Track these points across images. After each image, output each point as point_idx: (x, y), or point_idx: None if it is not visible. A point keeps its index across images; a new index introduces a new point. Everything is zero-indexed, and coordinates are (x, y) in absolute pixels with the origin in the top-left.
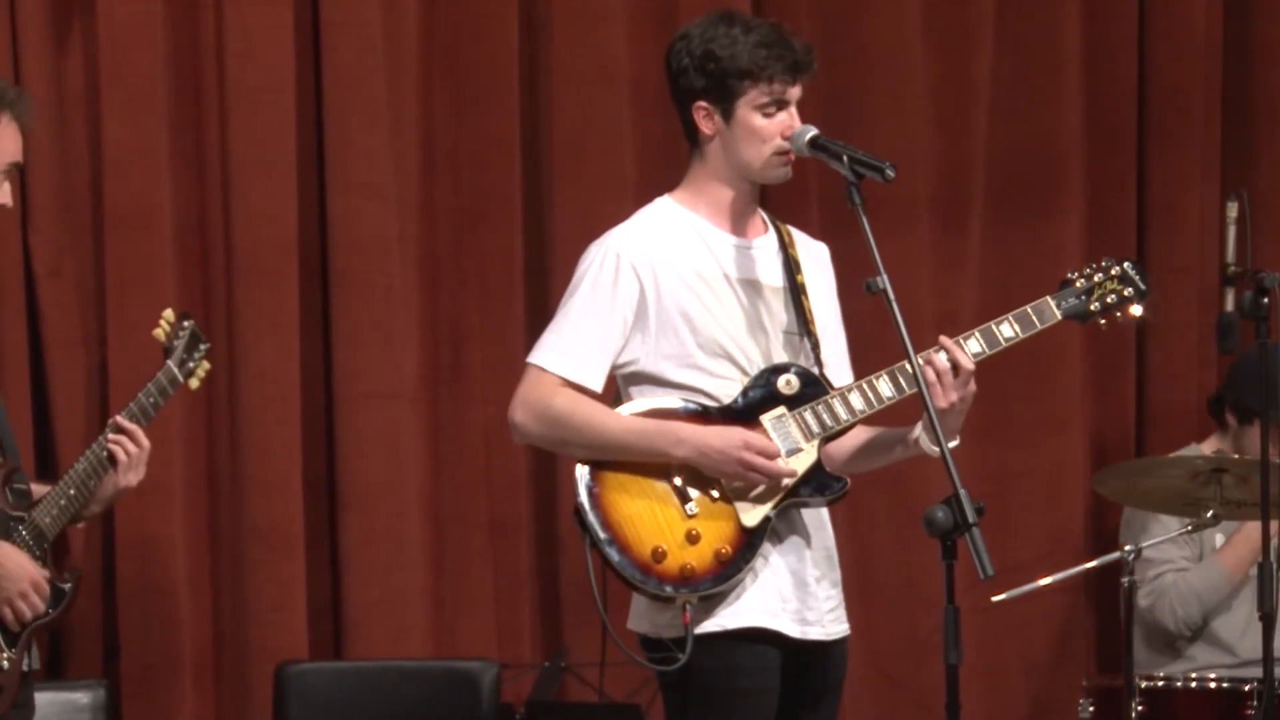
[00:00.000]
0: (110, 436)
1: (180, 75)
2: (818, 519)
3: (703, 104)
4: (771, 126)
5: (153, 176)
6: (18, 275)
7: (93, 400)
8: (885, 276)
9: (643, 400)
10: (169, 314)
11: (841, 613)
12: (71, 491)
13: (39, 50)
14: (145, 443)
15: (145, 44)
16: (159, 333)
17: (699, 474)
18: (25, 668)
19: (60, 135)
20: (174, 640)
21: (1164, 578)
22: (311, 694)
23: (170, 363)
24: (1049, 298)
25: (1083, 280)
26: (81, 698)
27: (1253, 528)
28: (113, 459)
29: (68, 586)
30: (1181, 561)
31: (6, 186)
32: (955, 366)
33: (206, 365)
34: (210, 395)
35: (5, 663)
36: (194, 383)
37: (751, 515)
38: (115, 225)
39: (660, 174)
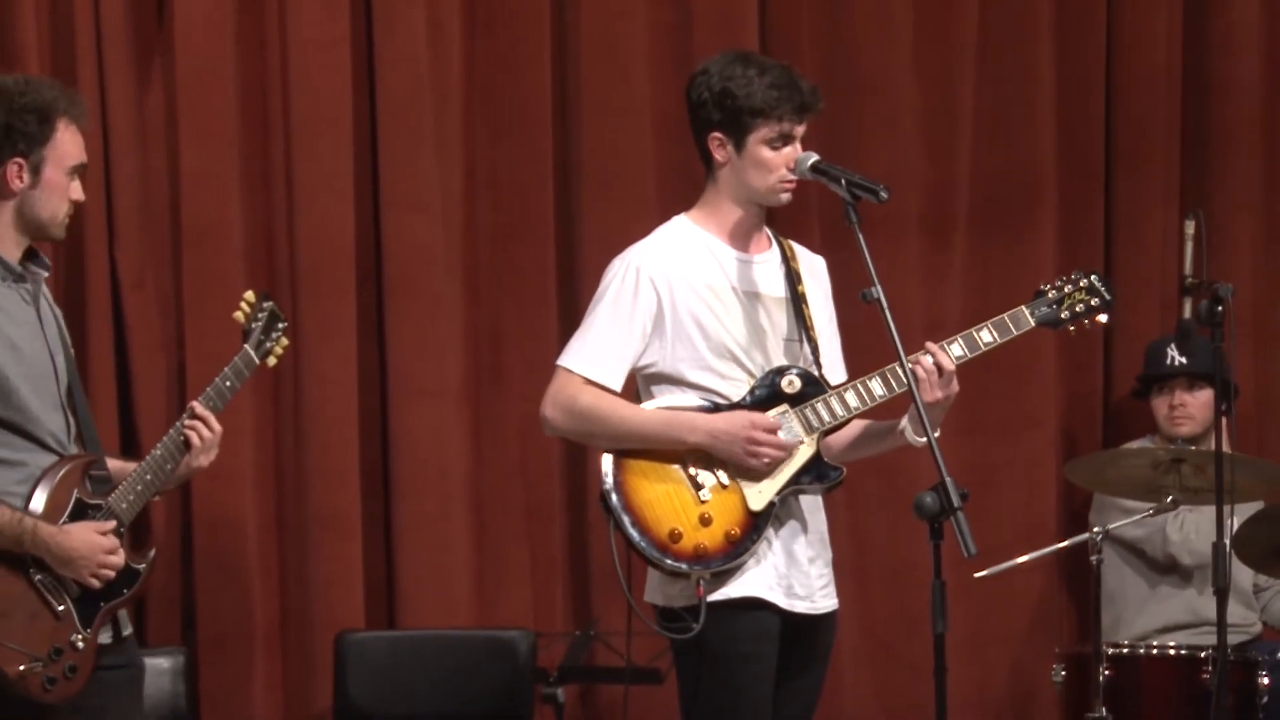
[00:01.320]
0: (186, 422)
1: (249, 107)
2: (813, 505)
3: (717, 135)
4: (777, 159)
5: (224, 197)
6: (105, 287)
7: (172, 399)
8: (879, 287)
9: (663, 398)
10: (250, 295)
11: (831, 589)
12: (148, 477)
13: (123, 85)
14: (217, 428)
15: (218, 79)
16: (239, 315)
17: (711, 463)
18: (108, 640)
19: (142, 161)
20: (245, 611)
21: (1185, 516)
22: (368, 660)
23: (247, 346)
24: (1024, 307)
25: (1054, 291)
26: (163, 663)
27: None
28: (187, 443)
29: (142, 567)
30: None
31: (77, 183)
32: (939, 368)
33: (285, 342)
34: (277, 393)
35: (81, 642)
36: (271, 360)
37: (758, 500)
38: (192, 241)
39: (678, 195)
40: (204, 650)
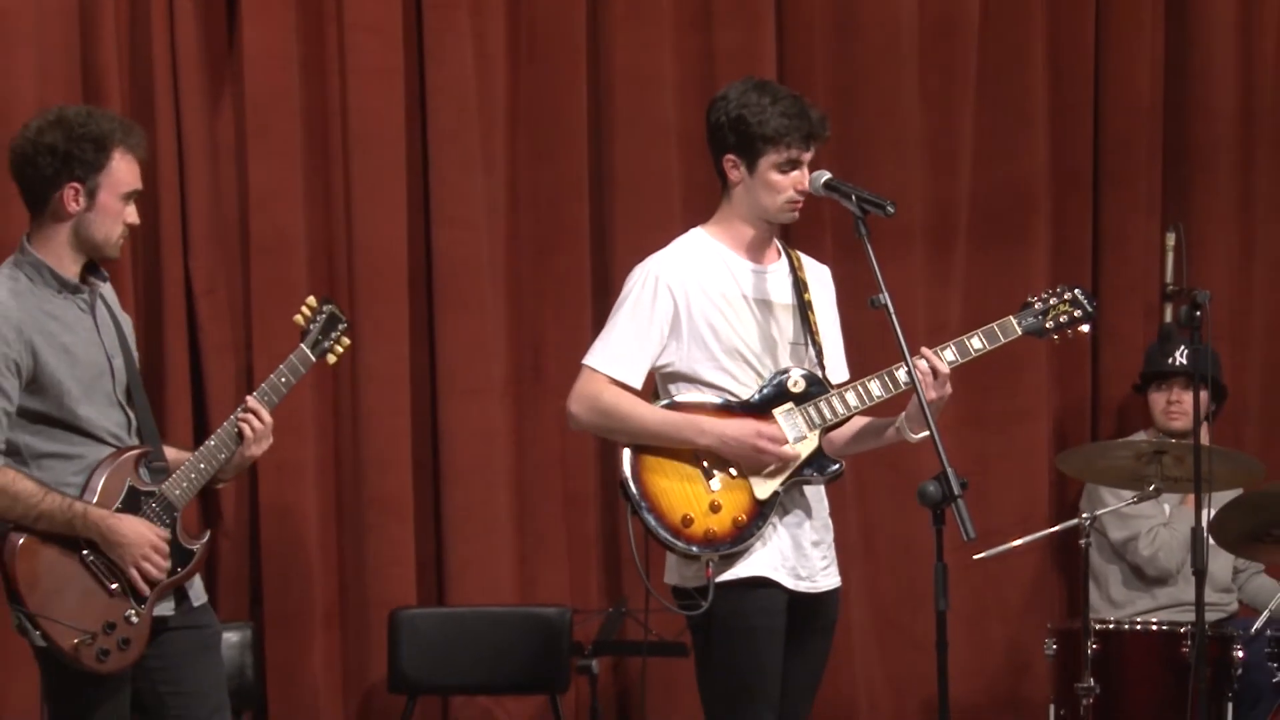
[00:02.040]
0: (240, 415)
1: (311, 130)
2: (817, 495)
3: (731, 156)
4: (785, 181)
5: (289, 213)
6: (180, 294)
7: (241, 396)
8: (886, 293)
9: (681, 396)
10: (311, 300)
11: (833, 569)
12: (202, 465)
13: (197, 111)
14: (269, 420)
15: (283, 105)
16: (298, 318)
17: (721, 457)
18: (169, 611)
19: (214, 179)
20: (307, 590)
21: (1158, 532)
22: (419, 634)
23: (303, 344)
24: (1011, 317)
25: (1040, 303)
26: (233, 636)
27: None
28: (240, 434)
29: (195, 548)
30: (1162, 518)
31: (132, 208)
32: (934, 371)
33: (346, 341)
34: (336, 391)
35: (134, 617)
36: (331, 358)
37: (763, 490)
38: (259, 253)
39: (702, 209)
40: (270, 625)
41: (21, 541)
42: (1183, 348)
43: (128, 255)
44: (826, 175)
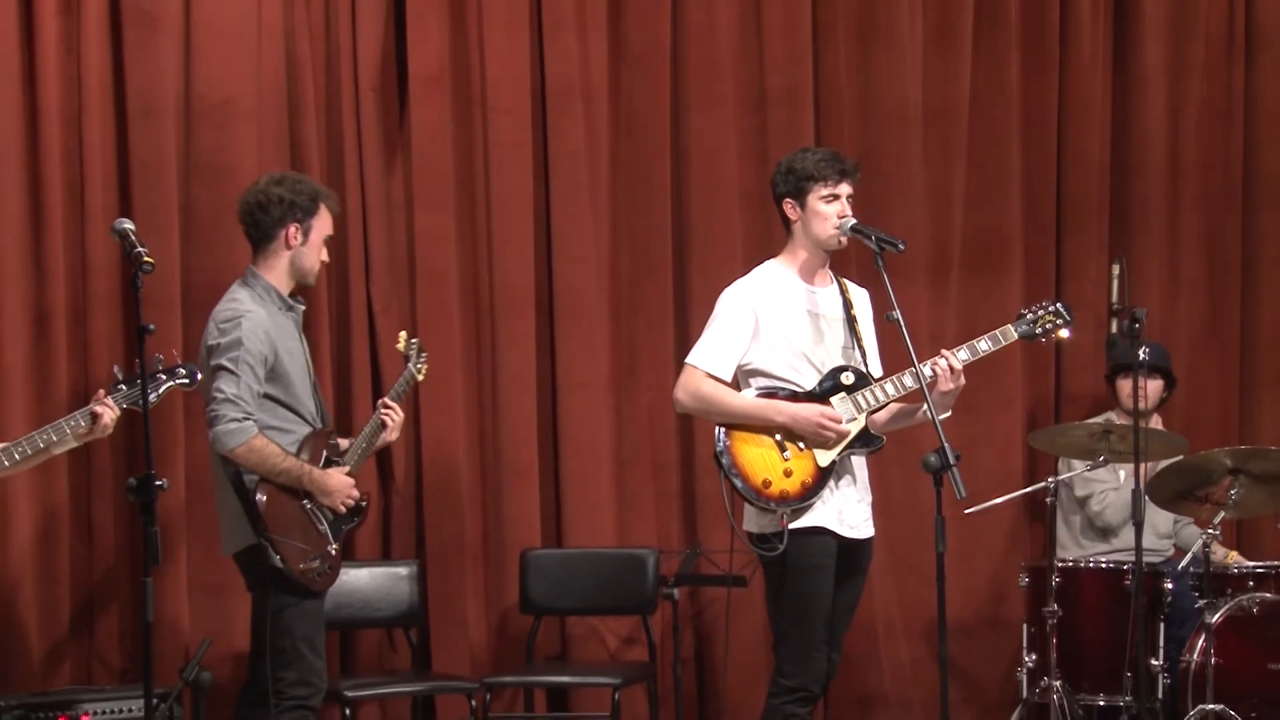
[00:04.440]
0: (383, 412)
1: (461, 188)
2: (860, 464)
3: (789, 200)
4: (830, 211)
5: (445, 250)
6: (363, 311)
7: (410, 392)
8: (898, 311)
9: (761, 388)
10: (404, 335)
11: (870, 522)
12: (364, 445)
13: (376, 172)
14: (401, 414)
15: (441, 169)
16: (400, 346)
17: (792, 434)
18: None
19: (388, 225)
20: (459, 535)
21: (1108, 494)
22: (543, 570)
23: (410, 366)
24: (1010, 325)
25: (1031, 314)
26: (402, 570)
27: None
28: (383, 424)
29: (364, 504)
30: (1115, 483)
31: (325, 249)
32: (951, 368)
33: (425, 367)
34: (480, 386)
35: (334, 550)
36: (420, 376)
37: (825, 459)
38: (423, 280)
39: (758, 248)
40: (430, 561)
41: (267, 490)
42: (1144, 346)
43: (325, 282)
44: (853, 220)
